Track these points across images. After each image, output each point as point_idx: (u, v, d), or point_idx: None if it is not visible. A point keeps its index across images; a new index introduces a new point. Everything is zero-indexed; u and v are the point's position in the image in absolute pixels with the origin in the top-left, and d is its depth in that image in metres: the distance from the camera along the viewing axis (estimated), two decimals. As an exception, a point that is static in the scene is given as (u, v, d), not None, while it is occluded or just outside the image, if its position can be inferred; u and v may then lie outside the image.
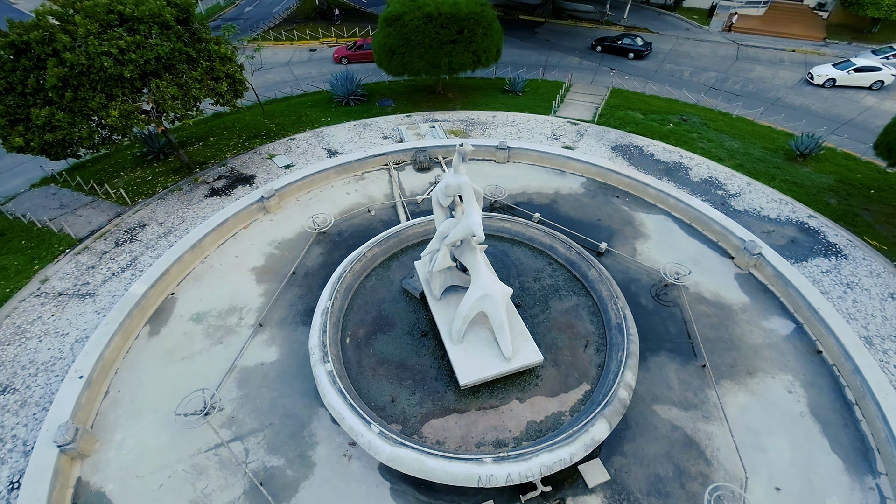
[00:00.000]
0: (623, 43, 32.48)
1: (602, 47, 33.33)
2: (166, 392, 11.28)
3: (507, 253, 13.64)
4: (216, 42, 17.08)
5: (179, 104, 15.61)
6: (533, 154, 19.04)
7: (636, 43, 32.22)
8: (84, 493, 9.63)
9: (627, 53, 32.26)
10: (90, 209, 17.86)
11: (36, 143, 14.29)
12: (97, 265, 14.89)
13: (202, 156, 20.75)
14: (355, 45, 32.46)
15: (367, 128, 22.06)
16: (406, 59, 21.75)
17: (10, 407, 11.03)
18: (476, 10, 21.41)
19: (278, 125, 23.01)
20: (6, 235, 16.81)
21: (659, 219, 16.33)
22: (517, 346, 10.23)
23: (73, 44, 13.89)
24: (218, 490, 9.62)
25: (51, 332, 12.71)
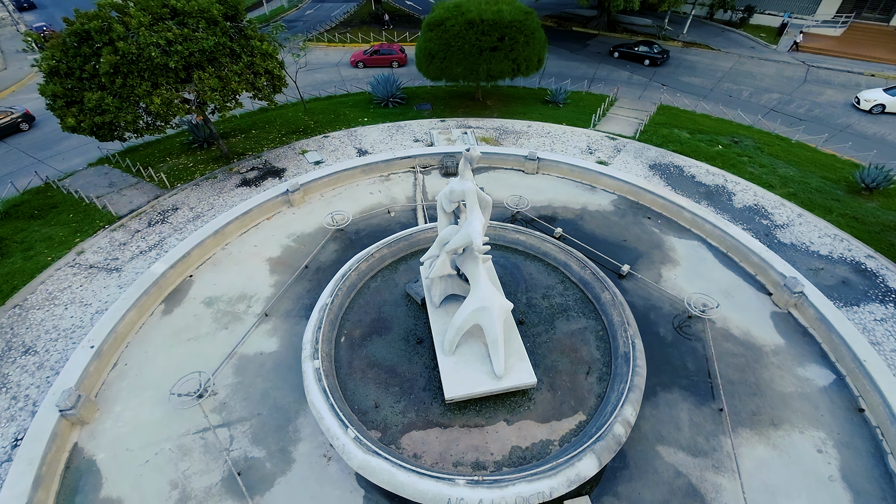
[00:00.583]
0: (639, 50, 32.99)
1: (619, 53, 33.90)
2: (168, 370, 11.60)
3: (518, 266, 13.09)
4: (260, 39, 17.73)
5: (218, 96, 16.29)
6: (563, 167, 18.34)
7: (652, 50, 32.52)
8: (77, 458, 10.01)
9: (643, 60, 32.76)
10: (134, 190, 18.98)
11: (86, 124, 15.33)
12: (128, 242, 15.72)
13: (241, 147, 21.59)
14: (372, 49, 33.05)
15: (400, 130, 22.15)
16: (445, 65, 21.71)
17: (28, 368, 11.73)
18: (519, 18, 21.05)
19: (317, 122, 23.60)
20: (58, 208, 18.15)
21: (692, 245, 15.18)
22: (511, 365, 9.69)
23: (126, 34, 14.83)
24: (198, 474, 9.70)
25: (76, 302, 13.48)
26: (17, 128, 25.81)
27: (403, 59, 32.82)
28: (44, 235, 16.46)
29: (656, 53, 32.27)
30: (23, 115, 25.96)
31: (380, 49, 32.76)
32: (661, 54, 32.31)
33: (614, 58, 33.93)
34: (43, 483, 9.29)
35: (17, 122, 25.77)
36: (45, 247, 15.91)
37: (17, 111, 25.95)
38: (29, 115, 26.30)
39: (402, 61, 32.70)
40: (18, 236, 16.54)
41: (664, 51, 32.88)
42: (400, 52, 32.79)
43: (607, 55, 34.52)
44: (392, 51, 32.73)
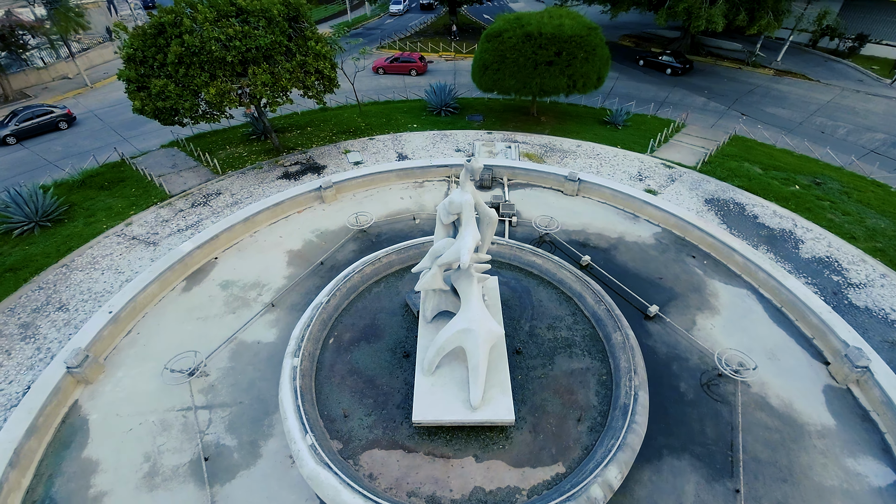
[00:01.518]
0: (663, 59, 33.47)
1: (644, 61, 34.51)
2: (172, 345, 12.05)
3: (528, 291, 12.18)
4: (317, 40, 18.39)
5: (268, 90, 17.04)
6: (606, 191, 17.06)
7: (674, 61, 33.00)
8: (73, 415, 10.60)
9: (665, 69, 33.34)
10: (190, 172, 20.39)
11: (149, 108, 16.67)
12: (170, 220, 16.81)
13: (293, 142, 22.51)
14: (392, 57, 33.70)
15: (445, 139, 21.96)
16: (497, 77, 21.25)
17: (57, 323, 12.75)
18: (581, 33, 20.10)
19: (368, 125, 24.08)
20: (125, 182, 19.91)
21: (739, 293, 13.34)
22: (490, 397, 8.88)
23: (193, 28, 15.97)
24: (171, 451, 9.86)
25: (112, 269, 14.55)
26: (56, 126, 26.67)
27: (422, 67, 33.48)
28: (106, 205, 18.09)
29: (678, 64, 32.88)
30: (63, 115, 26.91)
31: (399, 57, 33.59)
32: (683, 64, 32.88)
33: (640, 66, 34.86)
34: (37, 433, 9.90)
35: (57, 121, 26.68)
36: (104, 216, 17.45)
37: (59, 111, 26.94)
38: (70, 115, 27.25)
39: (421, 70, 33.39)
40: (86, 203, 18.32)
41: (688, 61, 33.41)
42: (419, 61, 33.41)
43: (682, 77, 32.17)
44: (411, 59, 33.36)
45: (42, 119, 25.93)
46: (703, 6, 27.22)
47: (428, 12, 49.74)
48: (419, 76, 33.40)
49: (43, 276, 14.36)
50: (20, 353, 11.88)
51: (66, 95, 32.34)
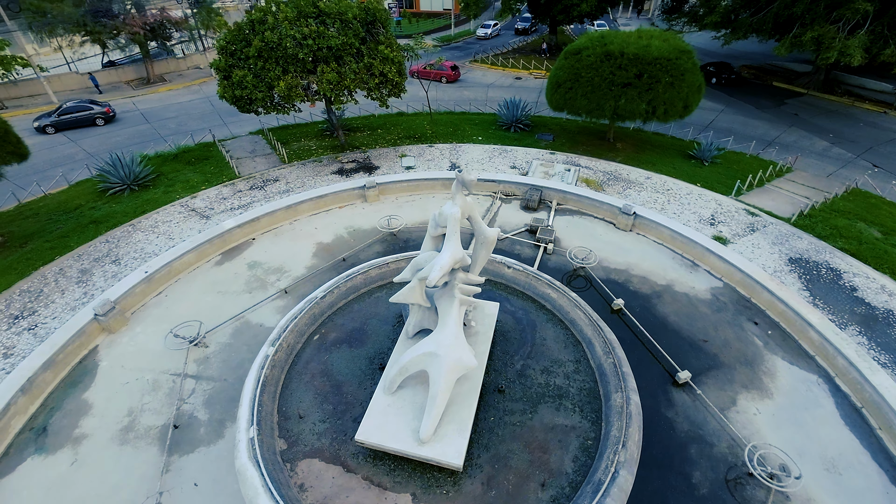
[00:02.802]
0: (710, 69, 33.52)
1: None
2: (188, 313, 12.79)
3: (534, 326, 10.93)
4: (388, 45, 18.83)
5: (332, 88, 17.75)
6: (664, 230, 14.99)
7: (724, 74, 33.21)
8: (90, 358, 11.64)
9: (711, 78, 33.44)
10: (262, 158, 22.00)
11: (229, 95, 18.25)
12: (228, 198, 18.14)
13: (359, 141, 23.29)
14: (427, 64, 34.77)
15: (503, 154, 21.15)
16: (569, 95, 19.99)
17: (107, 274, 14.24)
18: (669, 55, 18.15)
19: (434, 133, 24.13)
20: (209, 161, 22.05)
21: (805, 378, 10.72)
22: (443, 434, 7.95)
23: (275, 25, 17.21)
24: (150, 412, 10.33)
25: (165, 234, 15.99)
26: (93, 122, 28.09)
27: (452, 76, 35.24)
28: (185, 178, 20.12)
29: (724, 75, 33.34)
30: (102, 113, 28.37)
31: (433, 64, 34.39)
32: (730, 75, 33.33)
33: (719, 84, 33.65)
34: (54, 367, 11.00)
35: (95, 117, 28.11)
36: (181, 187, 19.40)
37: (98, 108, 28.37)
38: (109, 112, 28.64)
39: (451, 78, 35.29)
40: (171, 174, 20.56)
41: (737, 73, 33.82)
42: (451, 70, 35.10)
43: (804, 117, 27.71)
44: (443, 67, 34.88)
45: (81, 114, 27.76)
46: (837, 36, 23.18)
47: (523, 36, 49.16)
48: (449, 83, 35.42)
49: (113, 232, 16.23)
50: (70, 295, 13.43)
51: (195, 82, 37.16)
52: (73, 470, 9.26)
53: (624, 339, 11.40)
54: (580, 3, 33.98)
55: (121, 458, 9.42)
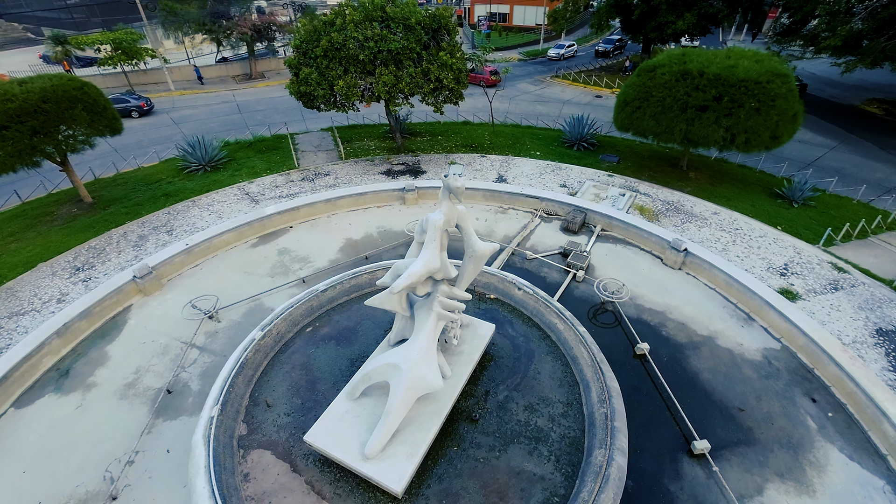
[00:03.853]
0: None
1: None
2: (213, 287, 13.56)
3: (532, 356, 9.94)
4: (449, 52, 18.78)
5: (387, 90, 18.05)
6: (719, 275, 13.04)
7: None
8: (122, 315, 12.74)
9: None
10: (324, 153, 23.06)
11: (294, 90, 19.34)
12: (280, 186, 19.16)
13: (415, 145, 23.51)
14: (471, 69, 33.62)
15: (557, 171, 20.01)
16: (636, 115, 18.41)
17: (159, 242, 15.62)
18: (758, 77, 15.95)
19: (491, 144, 23.64)
20: (277, 151, 23.60)
21: (866, 481, 8.52)
22: (391, 454, 7.40)
23: (342, 26, 17.96)
24: (153, 373, 10.98)
25: (216, 213, 17.22)
26: (129, 114, 30.31)
27: (490, 81, 35.83)
28: (252, 165, 21.68)
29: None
30: (136, 107, 31.02)
31: (473, 69, 33.61)
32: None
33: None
34: (90, 317, 12.18)
35: (130, 110, 30.51)
36: (246, 172, 20.93)
37: (133, 101, 30.98)
38: (144, 107, 31.21)
39: (489, 82, 36.01)
40: (242, 160, 22.29)
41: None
42: (489, 75, 35.84)
43: None
44: (483, 72, 35.40)
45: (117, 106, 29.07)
46: None
47: (603, 58, 46.31)
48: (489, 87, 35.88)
49: (176, 206, 17.86)
50: (124, 256, 14.91)
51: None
52: (76, 414, 10.07)
53: (639, 390, 10.04)
54: (675, 21, 31.45)
55: (116, 412, 10.07)
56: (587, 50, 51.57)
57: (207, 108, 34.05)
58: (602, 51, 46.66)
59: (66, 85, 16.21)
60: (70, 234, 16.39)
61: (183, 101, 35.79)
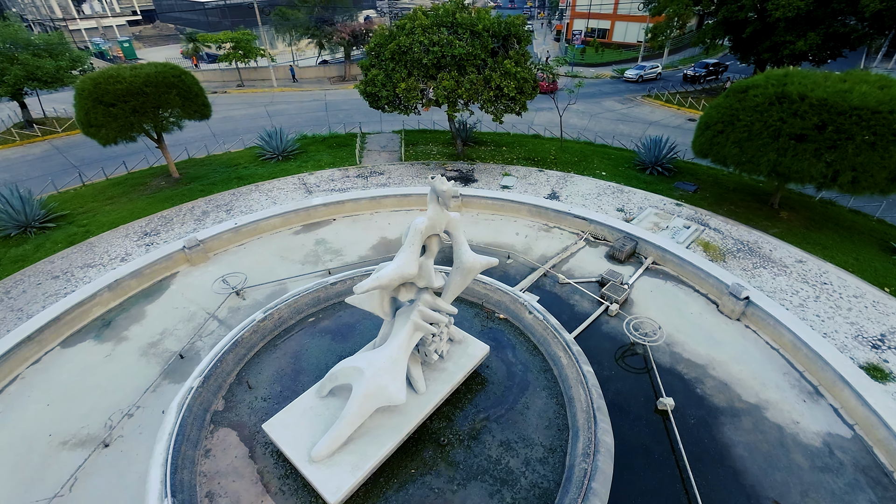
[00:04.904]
0: None
1: None
2: (249, 266, 14.34)
3: (525, 388, 8.98)
4: (515, 61, 18.20)
5: (446, 95, 17.93)
6: (786, 335, 10.88)
7: None
8: (168, 280, 13.92)
9: None
10: (387, 153, 23.63)
11: (362, 90, 20.03)
12: (335, 180, 19.89)
13: (476, 154, 23.14)
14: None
15: (616, 194, 18.37)
16: (716, 140, 16.28)
17: (217, 218, 16.92)
18: (878, 106, 13.22)
19: (556, 159, 22.49)
20: (346, 148, 24.67)
21: None
22: (337, 461, 7.03)
23: (411, 30, 18.24)
24: (174, 337, 11.78)
25: (273, 199, 18.29)
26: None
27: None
28: (319, 158, 22.87)
29: None
30: None
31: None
32: None
33: None
34: (140, 277, 13.48)
35: None
36: (311, 164, 22.11)
37: None
38: None
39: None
40: (312, 153, 23.62)
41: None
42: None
43: None
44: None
45: None
46: None
47: (691, 84, 41.33)
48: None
49: (242, 188, 19.31)
50: (186, 227, 16.36)
51: (377, 84, 42.31)
52: (104, 362, 11.10)
53: (649, 452, 8.67)
54: (795, 41, 27.51)
55: (133, 367, 10.92)
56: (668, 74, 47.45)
57: (300, 105, 36.84)
58: (691, 75, 41.17)
59: (166, 72, 18.35)
60: (151, 204, 18.45)
61: (281, 97, 39.17)
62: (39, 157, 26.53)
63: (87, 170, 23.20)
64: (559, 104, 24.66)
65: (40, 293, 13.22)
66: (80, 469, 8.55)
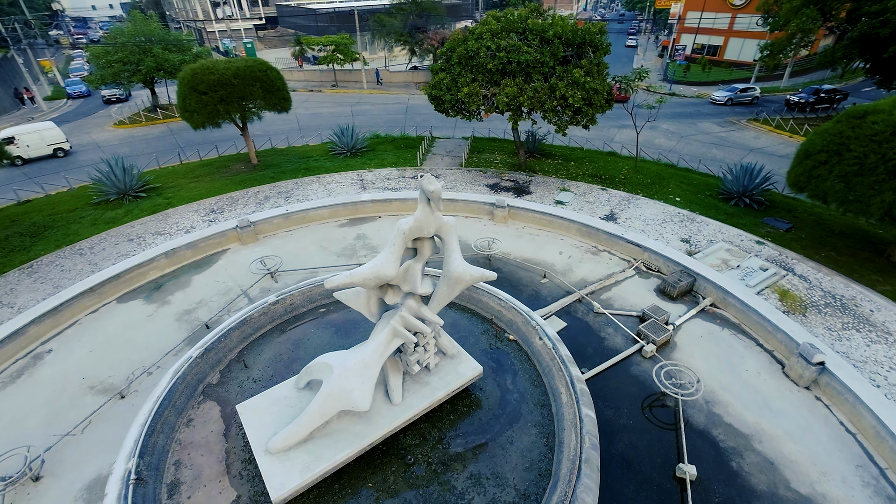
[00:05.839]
0: None
1: None
2: (290, 251, 14.97)
3: (515, 420, 8.09)
4: (587, 71, 17.08)
5: (507, 103, 17.33)
6: (868, 419, 8.70)
7: None
8: (219, 255, 14.99)
9: None
10: (449, 158, 23.55)
11: (427, 92, 20.13)
12: (390, 179, 20.18)
13: (539, 166, 22.14)
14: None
15: (685, 222, 16.32)
16: (817, 172, 13.74)
17: (275, 203, 17.96)
18: None
19: (625, 179, 20.73)
20: (412, 149, 25.06)
21: None
22: (290, 457, 6.82)
23: (480, 35, 17.95)
24: (206, 309, 12.54)
25: (328, 191, 19.00)
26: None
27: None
28: (383, 157, 23.45)
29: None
30: None
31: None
32: None
33: None
34: (194, 249, 14.69)
35: None
36: (373, 162, 22.74)
37: None
38: None
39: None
40: (378, 152, 24.31)
41: None
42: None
43: None
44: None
45: None
46: None
47: (795, 111, 34.70)
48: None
49: (305, 178, 20.38)
50: (246, 209, 17.58)
51: (460, 91, 42.73)
52: (145, 321, 12.16)
53: (650, 522, 7.34)
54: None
55: (166, 330, 11.80)
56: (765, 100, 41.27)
57: (383, 107, 38.35)
58: (795, 102, 34.78)
59: (253, 66, 20.00)
60: (226, 185, 20.16)
61: (367, 98, 41.14)
62: (156, 136, 30.50)
63: (187, 150, 26.14)
64: (637, 121, 22.68)
65: (115, 252, 14.96)
66: (95, 413, 9.33)
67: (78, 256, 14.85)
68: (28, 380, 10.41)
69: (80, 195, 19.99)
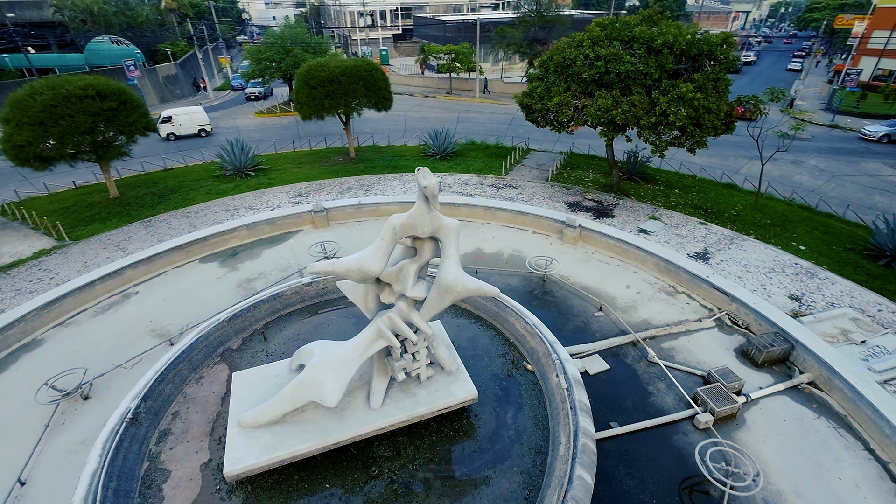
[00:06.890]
0: None
1: None
2: (350, 241, 15.49)
3: (501, 459, 7.07)
4: (700, 86, 14.88)
5: (598, 115, 15.87)
6: None
7: None
8: (292, 233, 16.15)
9: None
10: (536, 171, 22.51)
11: (519, 100, 19.43)
12: (469, 185, 19.85)
13: (633, 190, 19.98)
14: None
15: (802, 278, 13.17)
16: None
17: (355, 194, 18.84)
18: None
19: (737, 216, 17.61)
20: (503, 157, 24.53)
21: None
22: (256, 436, 6.83)
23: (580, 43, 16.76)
24: (263, 280, 13.46)
25: (406, 189, 19.35)
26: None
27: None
28: (470, 163, 23.27)
29: None
30: None
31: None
32: None
33: None
34: (272, 226, 16.04)
35: None
36: (460, 168, 22.65)
37: None
38: None
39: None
40: (467, 157, 24.25)
41: None
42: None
43: None
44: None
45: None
46: None
47: None
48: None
49: (390, 175, 21.12)
50: (329, 196, 18.72)
51: (574, 106, 40.90)
52: (213, 282, 13.52)
53: None
54: None
55: (225, 293, 12.93)
56: None
57: (489, 115, 38.36)
58: None
59: (360, 66, 21.33)
60: (322, 173, 21.79)
61: (475, 106, 41.53)
62: (283, 126, 34.40)
63: (302, 140, 28.97)
64: (765, 150, 19.10)
65: (213, 219, 16.98)
66: (146, 353, 10.53)
67: (184, 218, 17.18)
68: (113, 314, 12.20)
69: (209, 168, 23.24)
